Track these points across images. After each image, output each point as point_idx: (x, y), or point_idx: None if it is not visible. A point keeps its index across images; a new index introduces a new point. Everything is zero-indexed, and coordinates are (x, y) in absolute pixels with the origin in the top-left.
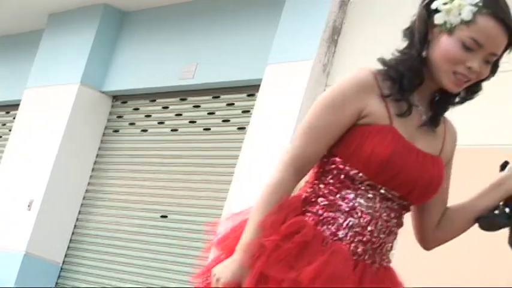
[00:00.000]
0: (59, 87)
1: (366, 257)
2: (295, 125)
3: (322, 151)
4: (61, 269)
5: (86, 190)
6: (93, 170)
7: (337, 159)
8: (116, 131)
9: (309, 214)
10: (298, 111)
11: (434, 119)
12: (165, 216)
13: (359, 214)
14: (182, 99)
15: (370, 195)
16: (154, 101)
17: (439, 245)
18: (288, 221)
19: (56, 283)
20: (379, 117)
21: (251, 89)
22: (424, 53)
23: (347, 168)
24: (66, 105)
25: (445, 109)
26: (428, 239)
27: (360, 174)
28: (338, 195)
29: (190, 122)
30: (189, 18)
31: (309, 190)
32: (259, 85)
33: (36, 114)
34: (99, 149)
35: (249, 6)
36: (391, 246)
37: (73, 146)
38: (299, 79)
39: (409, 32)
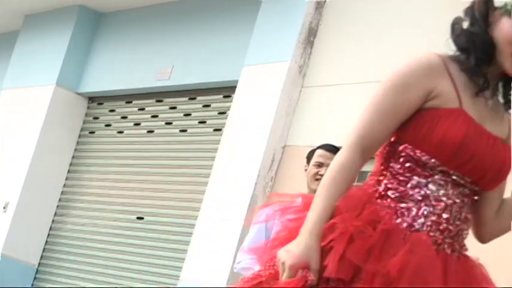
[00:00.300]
0: (34, 89)
1: (445, 246)
2: (271, 125)
3: (389, 131)
4: (37, 270)
5: (62, 192)
6: (69, 171)
7: (407, 145)
8: (92, 132)
9: (382, 208)
10: (274, 113)
11: (506, 102)
12: (142, 218)
13: (432, 202)
14: (158, 101)
15: (441, 182)
16: (131, 102)
17: (494, 237)
18: (366, 208)
19: (32, 284)
20: (448, 99)
21: (227, 90)
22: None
23: (418, 154)
24: (41, 106)
25: (510, 93)
26: (485, 231)
27: (433, 160)
28: (409, 185)
29: (166, 123)
30: (165, 19)
31: (376, 183)
32: (235, 86)
33: (12, 115)
34: (75, 150)
35: (226, 8)
36: (467, 234)
37: (49, 148)
38: (275, 80)
39: (470, 12)
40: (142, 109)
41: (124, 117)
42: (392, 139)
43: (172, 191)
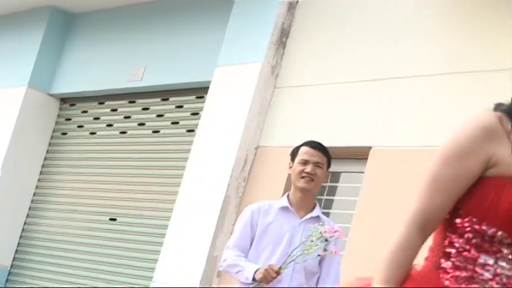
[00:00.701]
0: (6, 90)
1: None
2: (244, 126)
3: (449, 205)
4: (9, 272)
5: (34, 193)
6: (41, 173)
7: (471, 218)
8: (64, 133)
9: None
10: (247, 113)
11: None
12: (114, 219)
13: (503, 280)
14: (131, 102)
15: (510, 257)
16: (103, 103)
17: None
18: None
19: (4, 286)
20: (509, 165)
21: (200, 91)
22: None
23: (484, 227)
24: (13, 108)
25: None
26: None
27: (500, 233)
28: (477, 263)
29: (139, 124)
30: (137, 20)
31: (441, 261)
32: (208, 87)
33: None
34: (47, 152)
35: (198, 9)
36: None
37: (21, 149)
38: (248, 81)
39: None
40: (115, 110)
41: (96, 118)
42: (453, 210)
43: (145, 192)
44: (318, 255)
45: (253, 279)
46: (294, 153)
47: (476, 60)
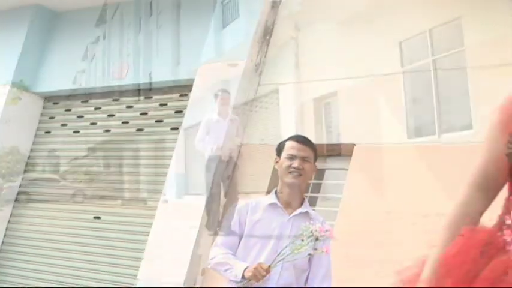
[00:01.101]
0: None
1: None
2: (228, 124)
3: (505, 164)
4: None
5: (18, 192)
6: (25, 171)
7: None
8: (48, 132)
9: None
10: (230, 111)
11: None
12: (99, 218)
13: None
14: (114, 100)
15: None
16: (87, 101)
17: None
18: (494, 258)
19: None
20: None
21: (184, 89)
22: None
23: None
24: None
25: None
26: None
27: None
28: None
29: (123, 122)
30: (121, 18)
31: (506, 217)
32: (191, 85)
33: None
34: (31, 150)
35: (182, 7)
36: None
37: (4, 148)
38: (232, 79)
39: None
40: (99, 108)
41: (80, 117)
42: None
43: (129, 190)
44: (309, 254)
45: (243, 277)
46: (279, 148)
47: (464, 56)
